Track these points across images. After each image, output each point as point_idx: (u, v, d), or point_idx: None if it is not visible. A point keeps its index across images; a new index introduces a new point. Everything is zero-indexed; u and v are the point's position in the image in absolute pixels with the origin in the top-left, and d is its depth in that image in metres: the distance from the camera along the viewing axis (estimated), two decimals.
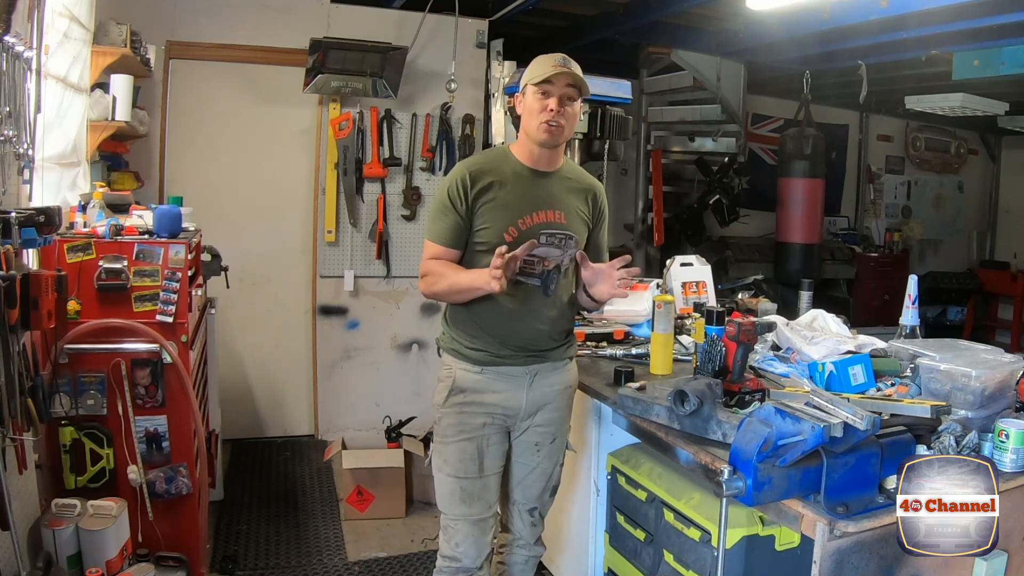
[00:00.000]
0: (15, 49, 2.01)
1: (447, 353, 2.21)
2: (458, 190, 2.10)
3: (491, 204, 2.11)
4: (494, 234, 2.09)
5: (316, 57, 4.08)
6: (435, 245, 2.14)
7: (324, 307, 4.58)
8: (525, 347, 2.16)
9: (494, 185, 2.12)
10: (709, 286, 3.33)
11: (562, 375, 2.26)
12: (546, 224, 2.14)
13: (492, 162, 2.18)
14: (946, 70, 4.74)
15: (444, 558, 2.21)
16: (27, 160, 2.21)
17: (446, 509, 2.20)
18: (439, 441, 2.20)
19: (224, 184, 4.35)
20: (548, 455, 2.27)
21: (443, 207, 2.13)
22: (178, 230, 2.66)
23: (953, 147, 8.11)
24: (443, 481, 2.19)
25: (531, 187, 2.16)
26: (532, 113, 2.12)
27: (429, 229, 2.17)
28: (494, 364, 2.14)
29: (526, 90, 2.15)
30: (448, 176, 2.19)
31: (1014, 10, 3.52)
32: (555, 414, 2.25)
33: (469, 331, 2.16)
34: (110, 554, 2.35)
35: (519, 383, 2.17)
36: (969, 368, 1.90)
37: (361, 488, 3.59)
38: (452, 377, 2.16)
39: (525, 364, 2.16)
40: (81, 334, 2.47)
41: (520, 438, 2.24)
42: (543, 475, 2.28)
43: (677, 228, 6.17)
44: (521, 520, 2.31)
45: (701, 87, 5.32)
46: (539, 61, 2.15)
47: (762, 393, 2.02)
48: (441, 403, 2.18)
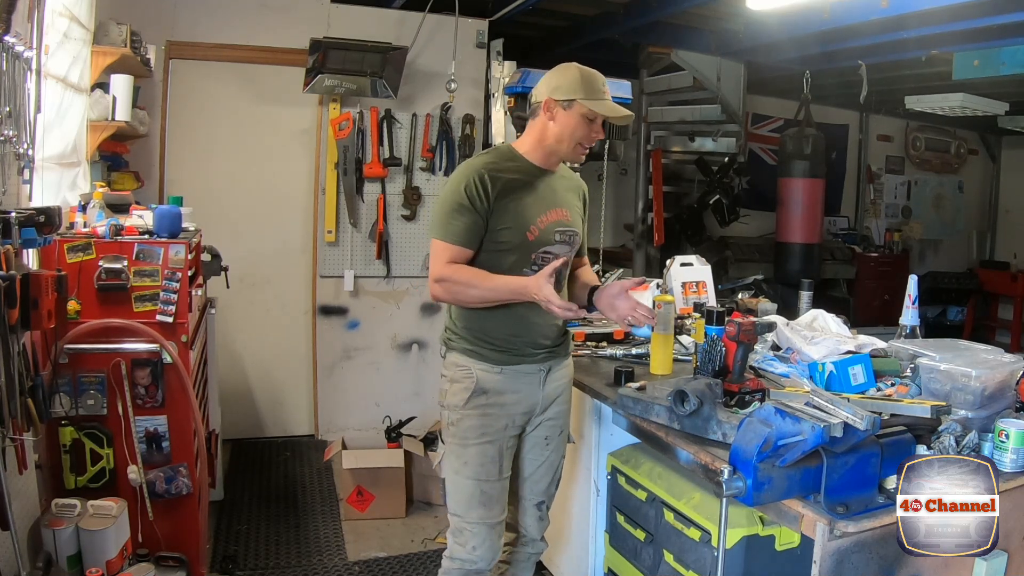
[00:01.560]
0: (15, 49, 2.01)
1: (461, 354, 2.16)
2: (477, 189, 2.06)
3: (511, 204, 2.09)
4: (516, 234, 2.09)
5: (316, 57, 4.08)
6: (451, 246, 2.07)
7: (324, 307, 4.58)
8: (541, 343, 2.17)
9: (512, 184, 2.10)
10: (709, 286, 3.33)
11: (567, 368, 2.32)
12: (558, 222, 2.17)
13: (504, 161, 2.15)
14: (946, 70, 4.74)
15: (454, 559, 2.19)
16: (27, 160, 2.21)
17: (463, 513, 2.16)
18: (458, 444, 2.15)
19: (224, 184, 4.34)
20: (556, 448, 2.29)
21: (459, 207, 2.06)
22: (178, 230, 2.66)
23: (953, 147, 8.11)
24: (461, 484, 2.16)
25: (540, 186, 2.16)
26: (572, 131, 2.09)
27: (443, 229, 2.09)
28: (513, 363, 2.14)
29: (573, 105, 2.07)
30: (461, 175, 2.12)
31: (1014, 10, 3.52)
32: (563, 407, 2.30)
33: (487, 330, 2.14)
34: (110, 554, 2.35)
35: (535, 380, 2.18)
36: (969, 368, 1.90)
37: (361, 488, 3.59)
38: (473, 378, 2.12)
39: (541, 361, 2.18)
40: (81, 334, 2.47)
41: (531, 434, 2.25)
42: (551, 468, 2.30)
43: (677, 228, 6.17)
44: (529, 515, 2.32)
45: (701, 87, 5.32)
46: (589, 80, 2.10)
47: (762, 393, 2.01)
48: (462, 405, 2.13)
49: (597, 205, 4.77)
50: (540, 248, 2.13)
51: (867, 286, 7.12)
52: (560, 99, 2.09)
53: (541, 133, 2.14)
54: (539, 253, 2.13)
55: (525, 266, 2.11)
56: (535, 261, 2.13)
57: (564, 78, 2.10)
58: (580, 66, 2.13)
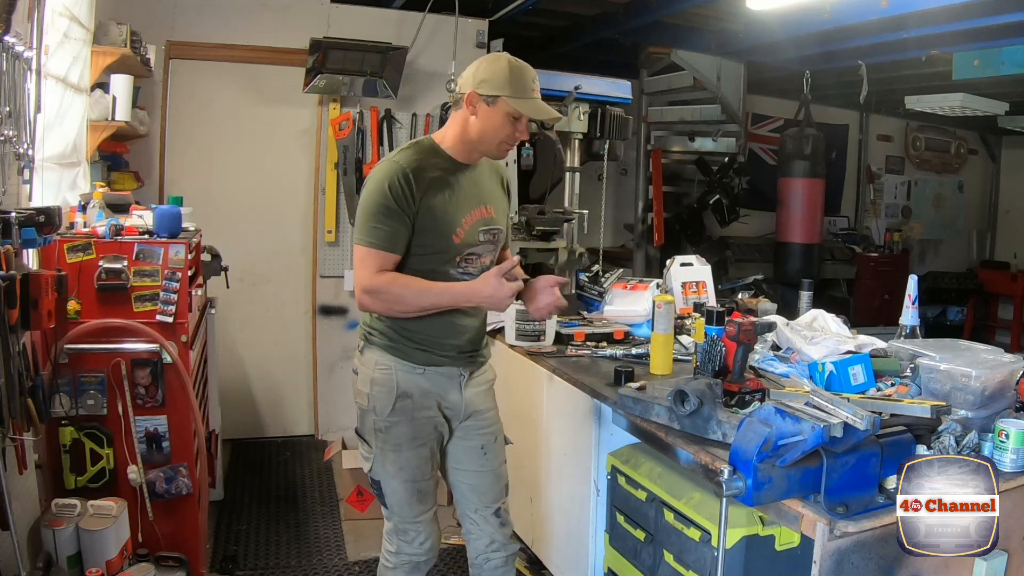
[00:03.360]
0: (15, 49, 2.02)
1: (383, 351, 2.07)
2: (402, 190, 1.93)
3: (435, 204, 1.98)
4: (440, 236, 1.99)
5: (316, 57, 4.08)
6: (379, 253, 1.94)
7: (324, 307, 4.58)
8: (463, 346, 2.13)
9: (435, 184, 1.99)
10: (709, 286, 3.33)
11: (487, 373, 2.26)
12: (482, 220, 2.08)
13: (426, 158, 2.01)
14: (946, 70, 4.74)
15: (400, 555, 2.16)
16: (27, 160, 2.21)
17: (403, 513, 2.14)
18: (390, 449, 2.08)
19: (224, 184, 4.34)
20: (495, 454, 2.25)
21: (385, 209, 1.93)
22: (178, 230, 2.66)
23: (953, 147, 8.11)
24: (397, 488, 2.11)
25: (464, 183, 2.06)
26: (495, 129, 1.98)
27: (368, 234, 1.94)
28: (434, 364, 2.08)
29: (497, 101, 1.95)
30: (383, 173, 1.96)
31: (1014, 10, 3.53)
32: (491, 413, 2.25)
33: (411, 328, 2.05)
34: (110, 554, 2.36)
35: (454, 384, 2.13)
36: (969, 368, 1.90)
37: (361, 488, 3.59)
38: (393, 380, 2.06)
39: (463, 365, 2.13)
40: (81, 334, 2.47)
41: (463, 444, 2.20)
42: (495, 475, 2.25)
43: (677, 228, 6.17)
44: (489, 523, 2.25)
45: (701, 87, 5.33)
46: (518, 77, 1.97)
47: (762, 393, 2.01)
48: (388, 412, 2.06)
49: (597, 205, 4.79)
50: (466, 250, 2.05)
51: (867, 286, 7.12)
52: (484, 94, 1.95)
53: (463, 127, 2.02)
54: (464, 255, 2.05)
55: (450, 269, 2.03)
56: (459, 264, 2.05)
57: (491, 71, 1.96)
58: (511, 58, 2.00)
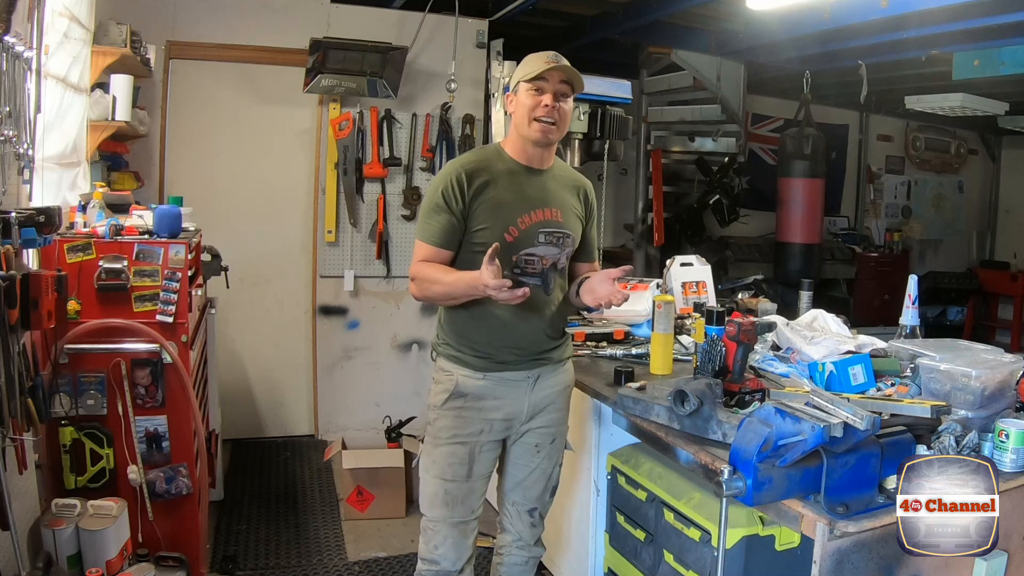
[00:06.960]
0: (15, 49, 2.01)
1: (447, 360, 2.15)
2: (453, 189, 2.05)
3: (488, 203, 2.06)
4: (493, 234, 2.04)
5: (316, 57, 4.09)
6: (427, 246, 2.09)
7: (324, 307, 4.58)
8: (527, 349, 2.14)
9: (490, 184, 2.08)
10: (709, 286, 3.33)
11: (562, 375, 2.25)
12: (544, 223, 2.12)
13: (486, 160, 2.14)
14: (946, 70, 4.74)
15: (424, 561, 2.20)
16: (27, 160, 2.21)
17: (427, 511, 2.18)
18: (431, 442, 2.16)
19: (224, 184, 4.35)
20: (548, 456, 2.25)
21: (436, 206, 2.07)
22: (178, 230, 2.66)
23: (953, 147, 8.11)
24: (428, 482, 2.17)
25: (527, 185, 2.13)
26: (526, 110, 2.08)
27: (420, 229, 2.11)
28: (496, 370, 2.11)
29: (519, 88, 2.11)
30: (440, 174, 2.13)
31: (1014, 10, 3.52)
32: (556, 415, 2.24)
33: (469, 336, 2.12)
34: (110, 554, 2.35)
35: (521, 388, 2.15)
36: (969, 368, 1.90)
37: (361, 488, 3.59)
38: (453, 381, 2.12)
39: (528, 368, 2.15)
40: (81, 334, 2.47)
41: (519, 440, 2.22)
42: (543, 476, 2.26)
43: (677, 228, 6.16)
44: (521, 520, 2.30)
45: (701, 87, 5.32)
46: (531, 59, 2.12)
47: (762, 393, 2.01)
48: (439, 405, 2.14)
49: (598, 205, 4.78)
50: (521, 250, 2.08)
51: (867, 286, 7.11)
52: (512, 90, 2.16)
53: (513, 127, 2.17)
54: (520, 256, 2.08)
55: (505, 268, 2.02)
56: (516, 264, 2.07)
57: (515, 72, 2.18)
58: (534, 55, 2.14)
